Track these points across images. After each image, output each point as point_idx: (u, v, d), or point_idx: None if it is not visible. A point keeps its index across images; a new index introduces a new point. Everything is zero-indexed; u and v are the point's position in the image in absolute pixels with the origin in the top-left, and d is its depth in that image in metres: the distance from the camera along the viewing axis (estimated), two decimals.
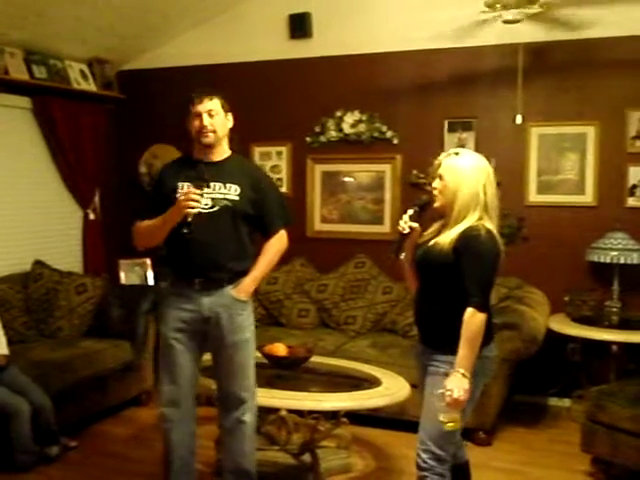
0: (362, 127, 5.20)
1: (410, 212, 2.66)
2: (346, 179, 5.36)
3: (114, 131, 5.83)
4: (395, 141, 5.15)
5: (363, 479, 3.70)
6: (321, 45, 5.25)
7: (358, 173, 5.32)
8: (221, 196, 2.95)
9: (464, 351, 2.43)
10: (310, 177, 5.43)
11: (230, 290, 3.01)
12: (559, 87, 4.71)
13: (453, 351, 2.47)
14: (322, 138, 5.33)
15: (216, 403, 3.17)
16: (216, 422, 3.60)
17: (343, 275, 5.11)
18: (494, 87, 4.86)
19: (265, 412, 3.44)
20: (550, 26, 4.56)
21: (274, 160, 5.48)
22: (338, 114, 5.26)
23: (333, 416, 3.63)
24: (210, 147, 2.97)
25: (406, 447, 3.97)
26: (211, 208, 2.94)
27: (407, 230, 2.64)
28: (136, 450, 4.04)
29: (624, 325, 4.37)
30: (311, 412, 3.63)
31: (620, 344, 4.30)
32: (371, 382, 3.65)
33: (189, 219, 2.81)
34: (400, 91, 5.11)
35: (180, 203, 2.82)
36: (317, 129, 5.34)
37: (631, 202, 4.59)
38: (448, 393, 2.40)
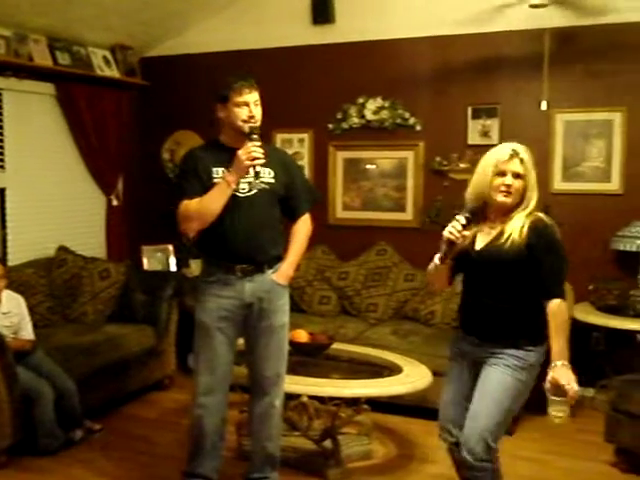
0: (384, 114, 5.17)
1: (463, 221, 2.55)
2: (368, 166, 5.33)
3: (137, 118, 5.86)
4: (418, 128, 5.11)
5: (384, 466, 3.70)
6: (343, 31, 5.21)
7: (380, 160, 5.29)
8: (257, 180, 2.96)
9: (562, 342, 2.47)
10: (332, 164, 5.41)
11: (270, 275, 3.04)
12: (585, 73, 4.63)
13: (518, 345, 2.54)
14: (344, 125, 5.31)
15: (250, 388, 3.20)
16: (237, 408, 3.64)
17: (364, 262, 5.10)
18: (519, 73, 4.79)
19: (287, 398, 3.45)
20: (577, 10, 4.48)
21: (296, 147, 5.47)
22: (360, 100, 5.23)
23: (354, 403, 3.63)
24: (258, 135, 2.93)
25: (427, 434, 3.97)
26: (249, 192, 2.96)
27: (460, 239, 2.56)
28: (159, 433, 4.08)
29: None
30: (332, 399, 3.64)
31: None
32: (392, 369, 3.65)
33: (257, 169, 2.86)
34: (423, 77, 5.07)
35: (242, 162, 2.82)
36: (339, 116, 5.31)
37: None
38: (569, 386, 2.40)
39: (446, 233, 2.56)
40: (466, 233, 2.58)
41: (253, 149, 2.82)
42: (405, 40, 5.06)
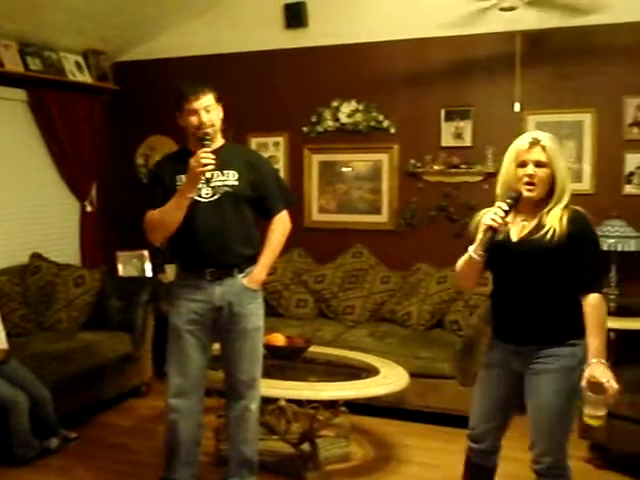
0: (359, 117, 5.19)
1: (505, 207, 2.40)
2: (343, 169, 5.35)
3: (110, 123, 5.81)
4: (392, 130, 5.14)
5: (362, 468, 3.71)
6: (317, 35, 5.22)
7: (355, 163, 5.31)
8: (220, 183, 2.95)
9: (601, 339, 2.35)
10: (307, 167, 5.42)
11: (241, 279, 3.03)
12: (556, 74, 4.69)
13: (563, 341, 2.43)
14: (319, 128, 5.32)
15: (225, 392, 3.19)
16: (215, 412, 3.63)
17: (341, 265, 5.11)
18: (491, 75, 4.84)
19: (264, 402, 3.45)
20: (547, 13, 4.54)
21: (271, 151, 5.46)
22: (334, 104, 5.25)
23: (332, 405, 3.64)
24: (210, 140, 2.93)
25: (405, 436, 4.01)
26: (212, 197, 2.95)
27: (503, 227, 2.41)
28: (136, 440, 4.05)
29: (622, 312, 4.35)
30: (310, 402, 3.64)
31: (618, 331, 4.30)
32: (369, 371, 3.66)
33: (208, 175, 2.83)
34: (397, 80, 5.10)
35: (194, 170, 2.81)
36: (314, 119, 5.33)
37: (628, 189, 4.59)
38: (608, 384, 2.29)
39: (487, 221, 2.39)
40: (508, 220, 2.43)
41: (202, 155, 2.80)
42: (378, 43, 5.09)
